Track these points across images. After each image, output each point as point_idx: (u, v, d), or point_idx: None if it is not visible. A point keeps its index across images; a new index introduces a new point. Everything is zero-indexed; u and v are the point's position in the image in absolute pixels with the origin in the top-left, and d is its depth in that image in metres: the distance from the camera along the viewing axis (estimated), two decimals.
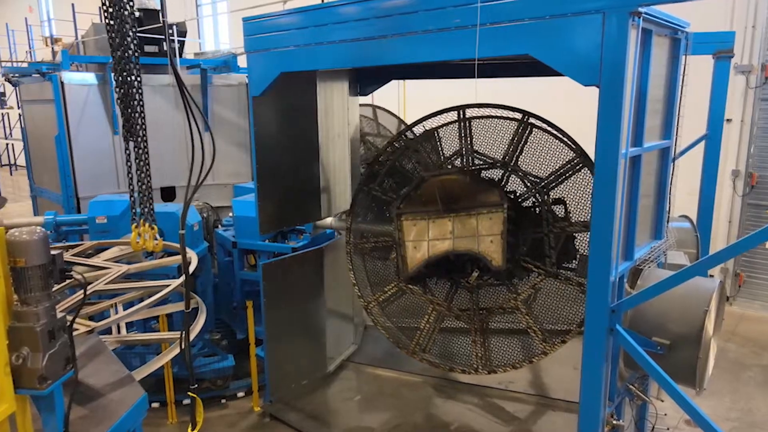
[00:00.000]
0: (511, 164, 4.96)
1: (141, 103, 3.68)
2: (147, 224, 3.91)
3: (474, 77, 5.41)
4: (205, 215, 7.21)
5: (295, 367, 6.15)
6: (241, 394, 6.23)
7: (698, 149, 6.52)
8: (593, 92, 3.34)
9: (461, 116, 5.04)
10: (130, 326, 5.62)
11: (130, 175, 3.87)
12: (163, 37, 8.60)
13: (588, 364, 3.60)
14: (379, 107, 8.41)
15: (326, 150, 6.21)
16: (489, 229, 4.78)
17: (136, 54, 3.53)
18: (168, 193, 8.80)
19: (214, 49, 15.23)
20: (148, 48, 8.57)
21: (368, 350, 7.16)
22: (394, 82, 7.44)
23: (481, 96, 4.02)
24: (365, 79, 6.82)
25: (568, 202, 4.96)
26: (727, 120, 8.00)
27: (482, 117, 4.98)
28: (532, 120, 4.86)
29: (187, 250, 4.66)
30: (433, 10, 3.87)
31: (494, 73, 5.80)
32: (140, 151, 3.73)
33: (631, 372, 4.41)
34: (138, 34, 8.03)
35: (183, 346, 3.06)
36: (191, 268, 4.11)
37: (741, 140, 8.49)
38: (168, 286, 3.77)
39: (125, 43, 3.50)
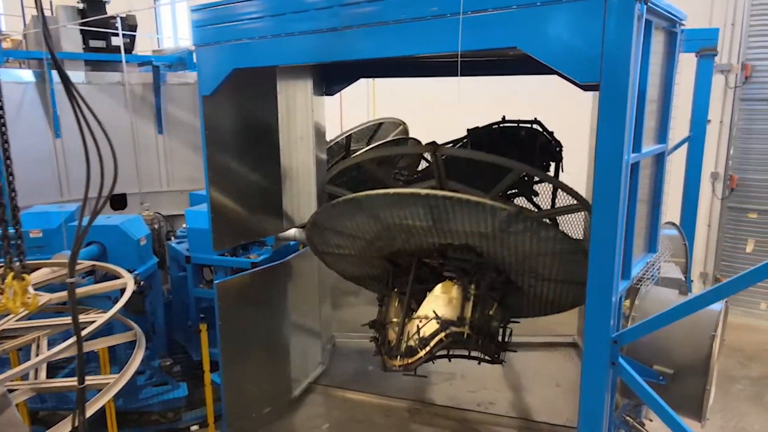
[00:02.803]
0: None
1: None
2: (11, 275, 2.75)
3: (450, 75, 4.94)
4: (156, 226, 6.58)
5: (256, 394, 5.57)
6: (195, 427, 5.64)
7: (678, 151, 6.21)
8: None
9: None
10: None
11: None
12: (112, 31, 7.91)
13: (587, 401, 3.16)
14: None
15: (288, 154, 5.66)
16: None
17: None
18: (118, 201, 8.10)
19: (174, 46, 14.44)
20: (93, 43, 7.86)
21: (337, 370, 6.63)
22: (363, 81, 6.93)
23: (463, 97, 3.54)
24: (331, 77, 6.29)
25: None
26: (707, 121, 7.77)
27: None
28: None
29: (123, 272, 4.07)
30: None
31: (477, 71, 5.33)
32: None
33: (627, 400, 4.02)
34: (81, 28, 7.30)
35: (75, 424, 2.42)
36: (126, 295, 3.50)
37: (720, 142, 8.27)
38: (94, 321, 3.17)
39: None
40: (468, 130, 5.47)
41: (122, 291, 4.37)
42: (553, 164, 5.97)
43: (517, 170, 4.27)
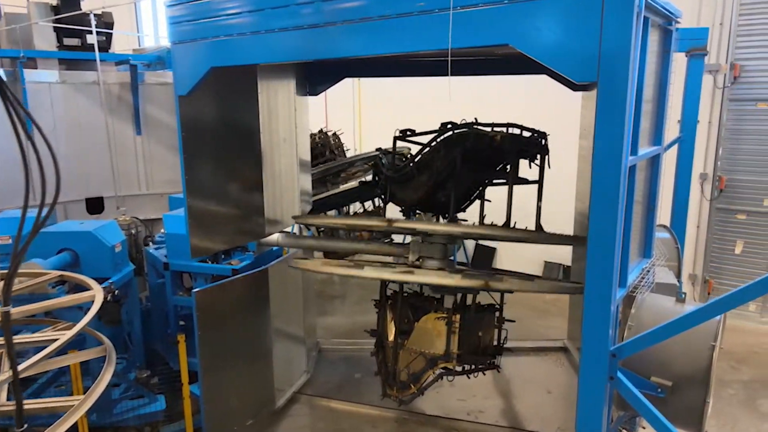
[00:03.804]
0: None
1: None
2: None
3: (439, 75, 4.78)
4: (133, 231, 6.33)
5: (238, 405, 5.35)
6: None
7: (667, 152, 6.13)
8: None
9: None
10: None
11: None
12: (87, 28, 7.62)
13: (584, 416, 3.01)
14: None
15: (270, 157, 5.45)
16: None
17: None
18: (94, 205, 7.82)
19: (155, 45, 14.11)
20: (67, 41, 7.58)
21: (323, 378, 6.42)
22: (348, 80, 6.75)
23: (454, 98, 3.36)
24: (315, 76, 6.09)
25: None
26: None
27: None
28: None
29: (92, 283, 3.84)
30: None
31: (467, 70, 5.15)
32: None
33: (622, 412, 3.88)
34: (55, 25, 7.02)
35: None
36: (93, 309, 3.27)
37: (709, 142, 8.20)
38: (56, 340, 2.94)
39: None
40: (442, 124, 5.18)
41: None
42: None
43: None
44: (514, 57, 4.87)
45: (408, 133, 5.35)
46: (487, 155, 4.42)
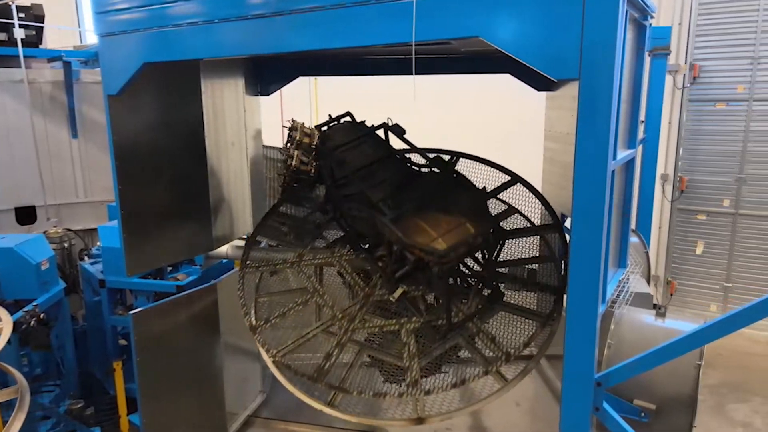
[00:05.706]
0: None
1: None
2: None
3: (402, 74, 4.47)
4: (65, 244, 5.75)
5: None
6: None
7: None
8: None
9: None
10: None
11: None
12: (11, 21, 6.93)
13: None
14: None
15: (217, 162, 4.99)
16: None
17: None
18: (25, 215, 7.14)
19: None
20: None
21: (280, 399, 5.99)
22: (304, 78, 6.32)
23: (419, 97, 3.01)
24: (267, 74, 5.65)
25: None
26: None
27: None
28: None
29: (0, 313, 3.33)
30: None
31: (431, 69, 4.81)
32: None
33: None
34: None
35: None
36: (3, 340, 2.77)
37: (669, 143, 8.16)
38: None
39: None
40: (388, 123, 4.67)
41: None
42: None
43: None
44: (482, 54, 4.57)
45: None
46: None
